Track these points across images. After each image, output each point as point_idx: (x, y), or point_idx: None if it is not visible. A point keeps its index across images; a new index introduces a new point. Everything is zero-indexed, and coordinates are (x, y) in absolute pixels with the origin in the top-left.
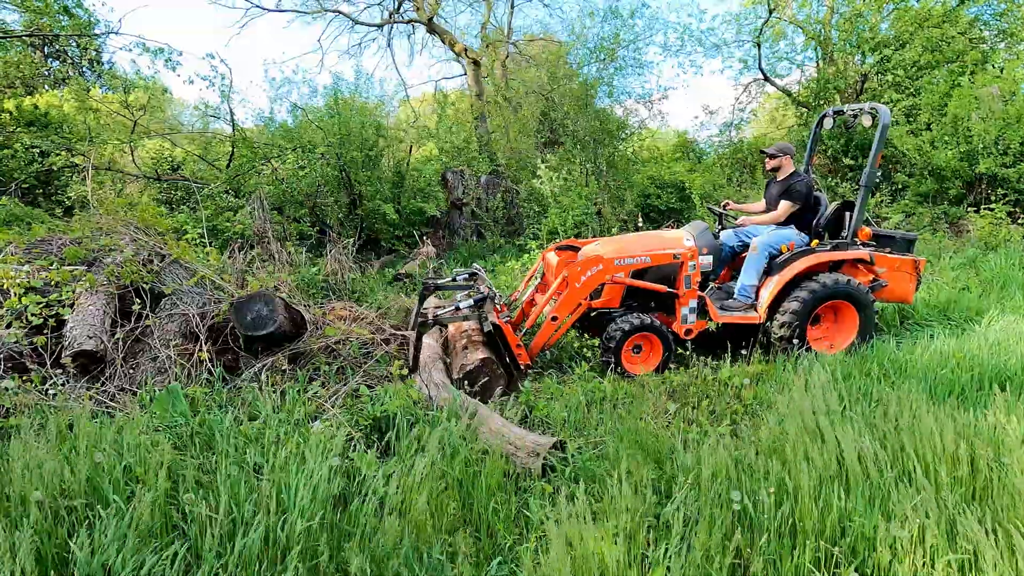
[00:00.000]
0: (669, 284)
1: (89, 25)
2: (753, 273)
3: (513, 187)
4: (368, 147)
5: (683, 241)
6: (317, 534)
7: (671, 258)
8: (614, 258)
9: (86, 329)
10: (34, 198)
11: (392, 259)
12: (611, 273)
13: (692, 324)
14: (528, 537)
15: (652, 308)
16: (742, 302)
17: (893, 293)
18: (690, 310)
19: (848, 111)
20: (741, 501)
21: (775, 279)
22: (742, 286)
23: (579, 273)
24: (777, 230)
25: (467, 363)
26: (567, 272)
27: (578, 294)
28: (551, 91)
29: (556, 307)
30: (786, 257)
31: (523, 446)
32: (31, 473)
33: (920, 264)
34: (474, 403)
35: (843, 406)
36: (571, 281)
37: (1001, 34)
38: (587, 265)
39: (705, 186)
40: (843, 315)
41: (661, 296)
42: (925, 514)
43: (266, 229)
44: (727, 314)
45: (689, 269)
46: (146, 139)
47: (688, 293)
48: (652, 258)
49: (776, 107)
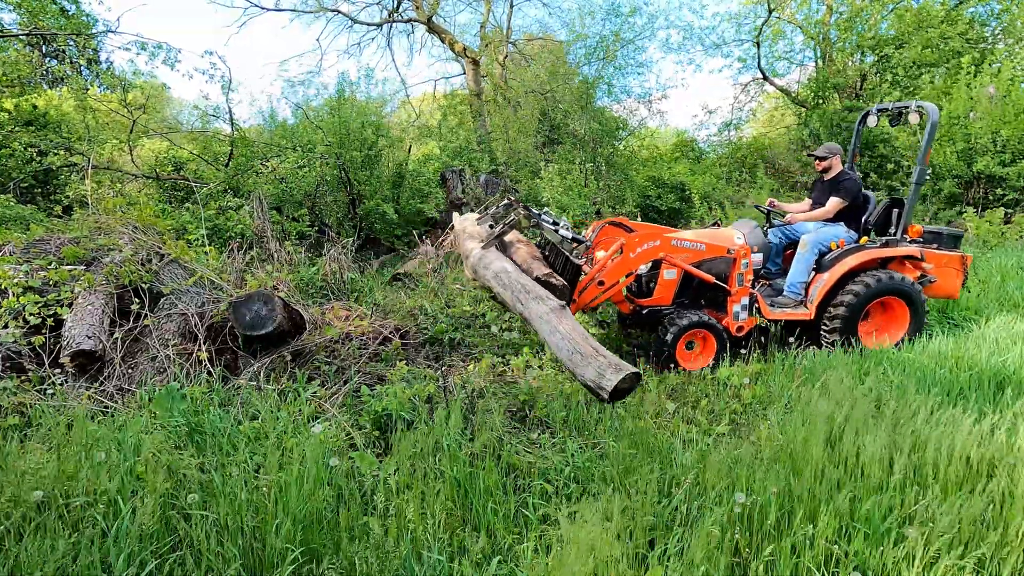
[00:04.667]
0: (721, 280)
1: (87, 25)
2: (803, 270)
3: (512, 187)
4: (368, 147)
5: (734, 239)
6: (317, 535)
7: (725, 252)
8: (672, 238)
9: (85, 329)
10: (32, 197)
11: (391, 259)
12: (666, 252)
13: (743, 321)
14: (527, 536)
15: (701, 305)
16: (791, 299)
17: (940, 289)
18: (741, 307)
19: (893, 108)
20: (743, 503)
21: (826, 276)
22: (792, 283)
23: (636, 244)
24: (826, 227)
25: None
26: (624, 240)
27: (630, 263)
28: (550, 90)
29: (605, 272)
30: (837, 254)
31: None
32: (31, 473)
33: (967, 260)
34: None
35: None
36: (627, 250)
37: (1001, 33)
38: (646, 238)
39: (705, 186)
40: (893, 311)
41: (712, 293)
42: (927, 514)
43: (265, 228)
44: (777, 311)
45: (742, 267)
46: (145, 138)
47: (740, 290)
48: (707, 247)
49: (775, 106)
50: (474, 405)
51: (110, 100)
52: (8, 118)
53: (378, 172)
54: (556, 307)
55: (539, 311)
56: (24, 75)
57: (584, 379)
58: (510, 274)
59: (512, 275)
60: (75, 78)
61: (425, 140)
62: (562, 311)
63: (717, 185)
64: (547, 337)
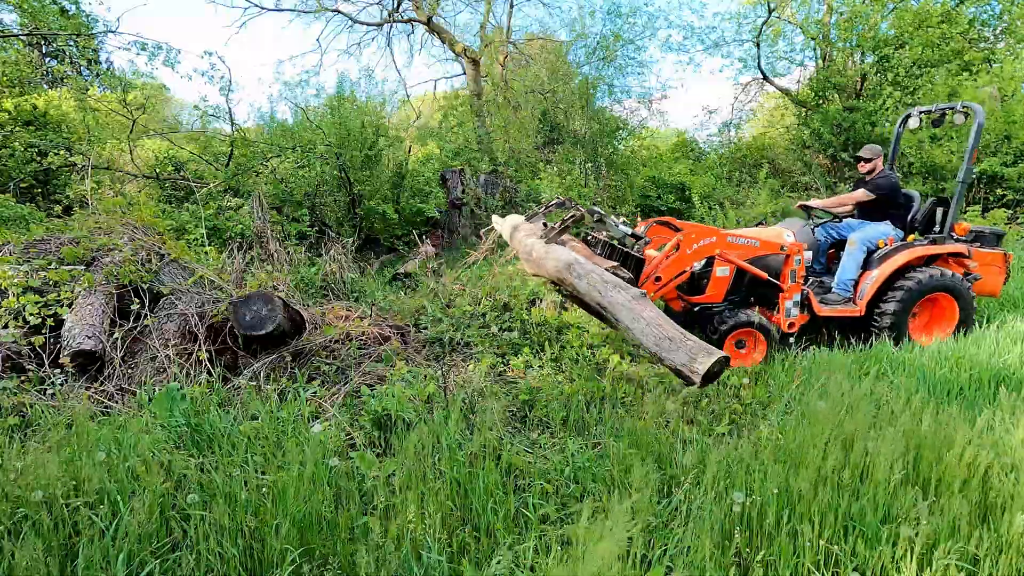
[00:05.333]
0: (773, 277)
1: (87, 25)
2: (852, 267)
3: (512, 186)
4: (368, 147)
5: (784, 236)
6: (316, 535)
7: (778, 249)
8: (728, 234)
9: (85, 329)
10: (32, 197)
11: (391, 259)
12: (722, 248)
13: (794, 318)
14: (527, 536)
15: (751, 303)
16: (841, 295)
17: (984, 287)
18: (793, 304)
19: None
20: (743, 502)
21: (876, 272)
22: (841, 280)
23: (692, 240)
24: (873, 225)
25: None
26: (681, 236)
27: (686, 260)
28: (550, 90)
29: (662, 268)
30: (886, 251)
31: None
32: (31, 473)
33: (1009, 258)
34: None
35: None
36: (684, 246)
37: (1001, 33)
38: (702, 234)
39: (705, 187)
40: (941, 307)
41: (763, 290)
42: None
43: (265, 228)
44: (828, 308)
45: (795, 264)
46: (145, 138)
47: (793, 287)
48: (762, 244)
49: (775, 106)
50: (474, 405)
51: (110, 100)
52: (8, 118)
53: (378, 172)
54: (638, 295)
55: (621, 300)
56: (24, 75)
57: (674, 364)
58: (584, 265)
59: (587, 266)
60: (75, 78)
61: (425, 140)
62: (644, 299)
63: (717, 185)
64: (630, 324)
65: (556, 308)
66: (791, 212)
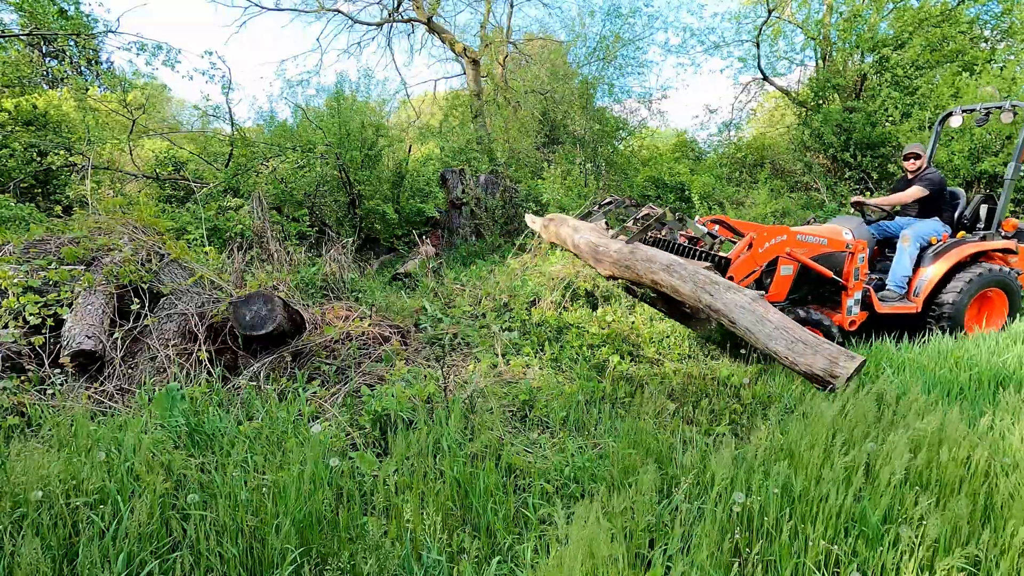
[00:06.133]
0: (836, 275)
1: (87, 25)
2: (908, 264)
3: (512, 186)
4: (368, 147)
5: (842, 234)
6: (316, 535)
7: (844, 247)
8: (797, 232)
9: (85, 329)
10: (32, 197)
11: (391, 259)
12: (792, 247)
13: (855, 316)
14: (527, 536)
15: (809, 301)
16: (896, 292)
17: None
18: (855, 301)
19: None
20: (743, 503)
21: (932, 269)
22: (897, 277)
23: (764, 239)
24: (924, 222)
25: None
26: (754, 234)
27: (758, 258)
28: (550, 90)
29: (734, 267)
30: (939, 248)
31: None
32: (31, 473)
33: None
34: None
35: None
36: (756, 245)
37: (1002, 34)
38: (773, 233)
39: (705, 187)
40: (991, 301)
41: (825, 288)
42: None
43: (265, 228)
44: (887, 305)
45: (859, 261)
46: (145, 139)
47: (856, 285)
48: (829, 242)
49: (776, 106)
50: (474, 405)
51: (110, 100)
52: (8, 118)
53: (378, 172)
54: (756, 296)
55: (738, 301)
56: (24, 75)
57: (811, 369)
58: (686, 266)
59: (689, 267)
60: (75, 78)
61: (425, 140)
62: (763, 300)
63: (717, 185)
64: (753, 327)
65: (556, 308)
66: (790, 211)
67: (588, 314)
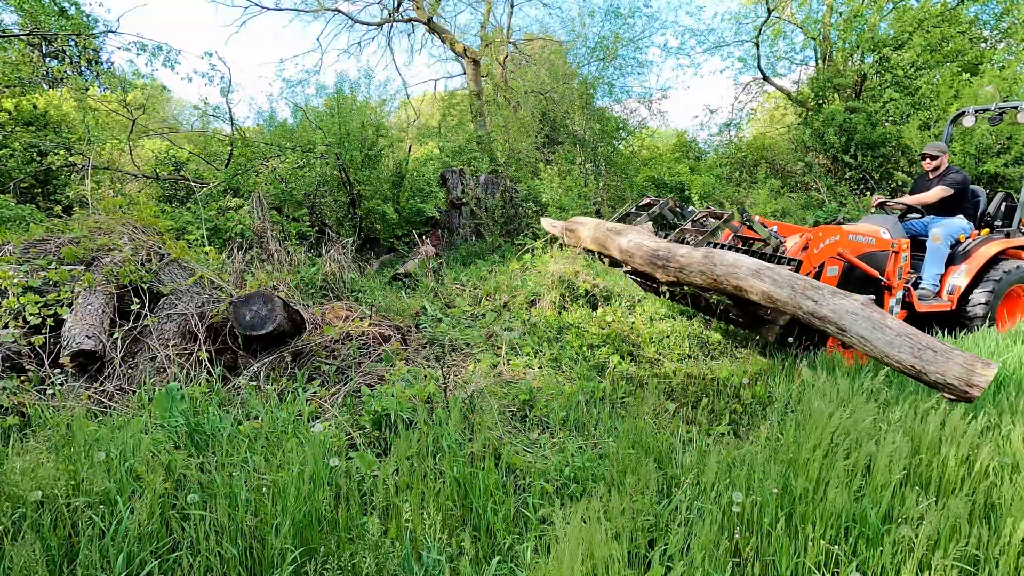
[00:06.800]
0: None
1: (87, 25)
2: (940, 263)
3: (512, 186)
4: (367, 147)
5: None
6: (316, 535)
7: (889, 246)
8: (849, 232)
9: (85, 329)
10: (32, 197)
11: (391, 259)
12: (844, 247)
13: (897, 315)
14: (527, 536)
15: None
16: (930, 291)
17: None
18: (897, 301)
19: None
20: (742, 503)
21: (964, 267)
22: (930, 275)
23: (819, 240)
24: (952, 220)
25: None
26: (810, 236)
27: (814, 260)
28: (550, 90)
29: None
30: (969, 246)
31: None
32: (30, 473)
33: None
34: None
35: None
36: (812, 246)
37: (1002, 34)
38: (828, 233)
39: (705, 187)
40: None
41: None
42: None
43: (265, 228)
44: (926, 304)
45: (902, 260)
46: (145, 138)
47: (899, 284)
48: (876, 241)
49: (776, 106)
50: (474, 405)
51: (110, 100)
52: (8, 118)
53: (378, 172)
54: (867, 301)
55: (848, 307)
56: (24, 75)
57: (944, 378)
58: (778, 271)
59: (784, 272)
60: (75, 78)
61: (425, 140)
62: (874, 304)
63: (717, 185)
64: (868, 335)
65: (555, 308)
66: (790, 211)
67: (588, 314)
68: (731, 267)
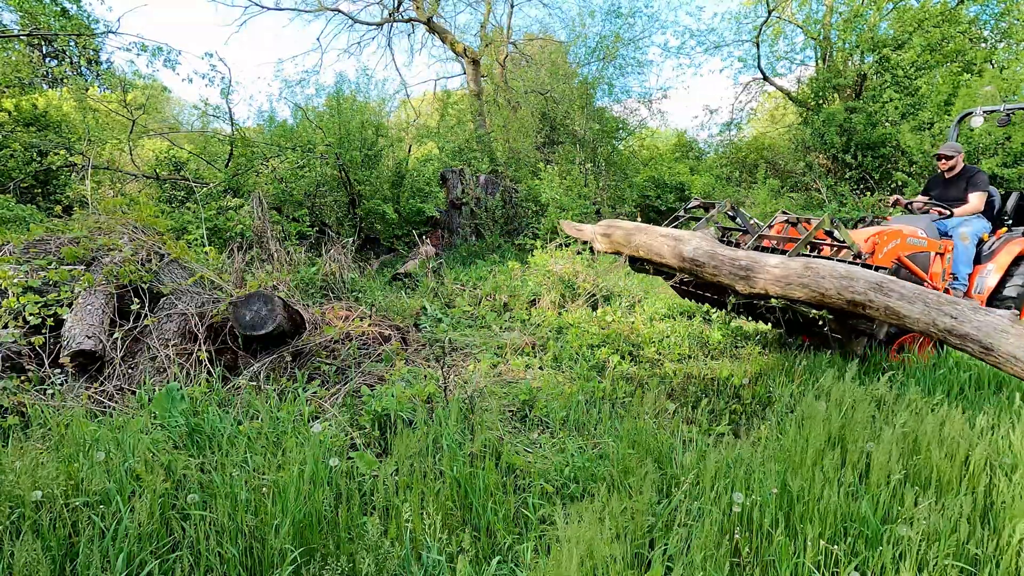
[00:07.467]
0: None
1: (88, 26)
2: (967, 261)
3: (512, 186)
4: (367, 147)
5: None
6: (316, 535)
7: (936, 247)
8: (908, 235)
9: (85, 328)
10: (32, 197)
11: (391, 259)
12: (904, 250)
13: None
14: (527, 536)
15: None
16: (960, 290)
17: None
18: None
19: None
20: (742, 503)
21: (992, 265)
22: (962, 275)
23: (884, 243)
24: (974, 220)
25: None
26: (876, 239)
27: (880, 263)
28: (550, 90)
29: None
30: (994, 245)
31: None
32: (30, 473)
33: None
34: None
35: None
36: (876, 251)
37: (1002, 34)
38: (891, 236)
39: (704, 187)
40: None
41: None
42: (927, 515)
43: (265, 228)
44: None
45: (946, 261)
46: (145, 138)
47: (941, 285)
48: (928, 243)
49: (776, 106)
50: (474, 405)
51: (110, 100)
52: (8, 118)
53: (378, 172)
54: (1013, 317)
55: (996, 324)
56: (24, 76)
57: None
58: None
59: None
60: (75, 78)
61: (425, 140)
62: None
63: (717, 185)
64: (1021, 354)
65: (556, 308)
66: (790, 211)
67: (588, 314)
68: (844, 280)
